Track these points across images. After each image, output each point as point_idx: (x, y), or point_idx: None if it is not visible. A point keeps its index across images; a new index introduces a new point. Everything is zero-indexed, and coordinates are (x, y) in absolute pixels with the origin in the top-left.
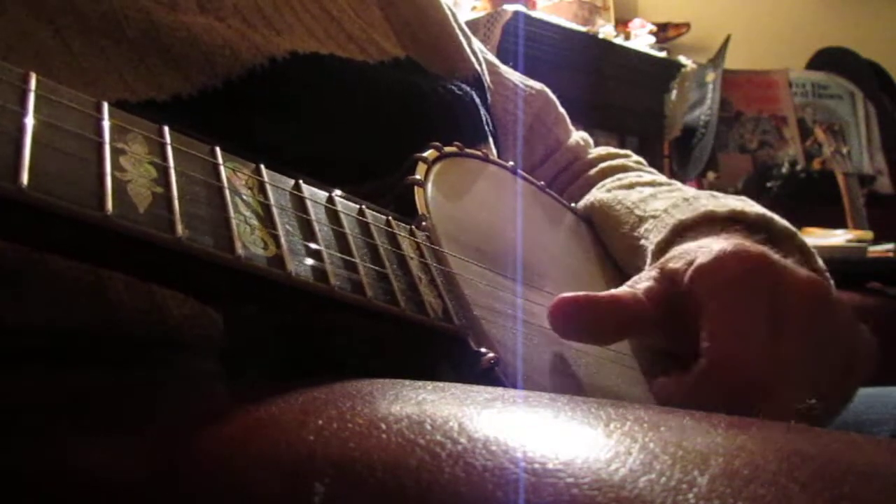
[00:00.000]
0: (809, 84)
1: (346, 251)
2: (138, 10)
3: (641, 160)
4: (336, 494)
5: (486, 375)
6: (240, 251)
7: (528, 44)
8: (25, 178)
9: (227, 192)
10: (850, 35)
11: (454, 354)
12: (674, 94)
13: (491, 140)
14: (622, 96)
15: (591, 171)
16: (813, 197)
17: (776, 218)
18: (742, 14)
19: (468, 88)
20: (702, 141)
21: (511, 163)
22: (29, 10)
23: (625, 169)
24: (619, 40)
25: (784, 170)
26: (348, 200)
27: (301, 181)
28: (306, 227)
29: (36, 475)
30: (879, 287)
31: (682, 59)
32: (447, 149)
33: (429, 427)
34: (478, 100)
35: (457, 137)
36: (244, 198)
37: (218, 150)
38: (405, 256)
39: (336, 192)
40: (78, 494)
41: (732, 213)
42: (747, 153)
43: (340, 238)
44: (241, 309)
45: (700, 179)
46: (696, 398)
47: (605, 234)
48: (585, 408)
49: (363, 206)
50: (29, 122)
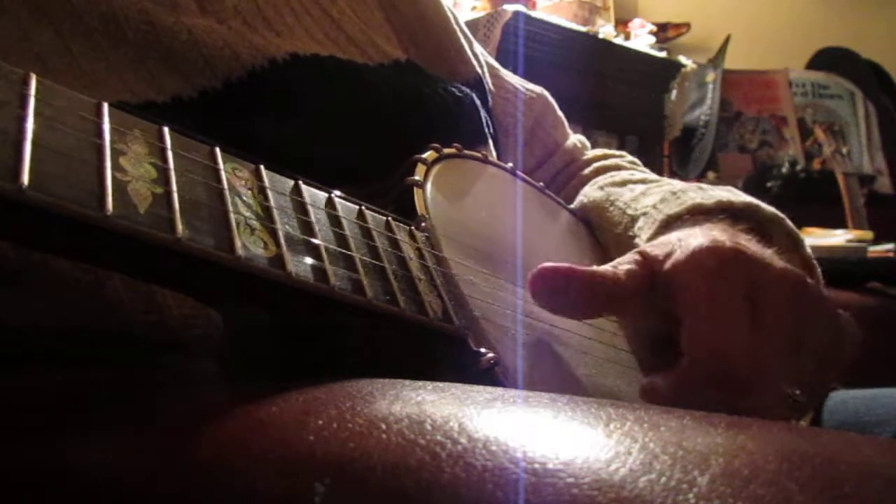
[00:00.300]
0: (809, 84)
1: (346, 251)
2: (138, 12)
3: (636, 160)
4: (336, 494)
5: (486, 375)
6: (240, 251)
7: (528, 44)
8: (26, 179)
9: (226, 193)
10: (850, 35)
11: (454, 355)
12: (674, 94)
13: (491, 142)
14: (622, 96)
15: (585, 170)
16: (813, 197)
17: (762, 205)
18: (742, 14)
19: (469, 90)
20: (702, 141)
21: (510, 164)
22: (29, 11)
23: (618, 168)
24: (619, 40)
25: (784, 170)
26: (348, 201)
27: (301, 182)
28: (306, 227)
29: (36, 475)
30: (879, 287)
31: (682, 59)
32: (446, 150)
33: (429, 427)
34: (478, 102)
35: (457, 139)
36: (244, 198)
37: (218, 150)
38: (405, 257)
39: (336, 193)
40: (78, 494)
41: (719, 203)
42: (747, 153)
43: (340, 239)
44: (242, 309)
45: (700, 179)
46: (682, 395)
47: (601, 235)
48: (585, 408)
49: (363, 207)
50: (29, 122)
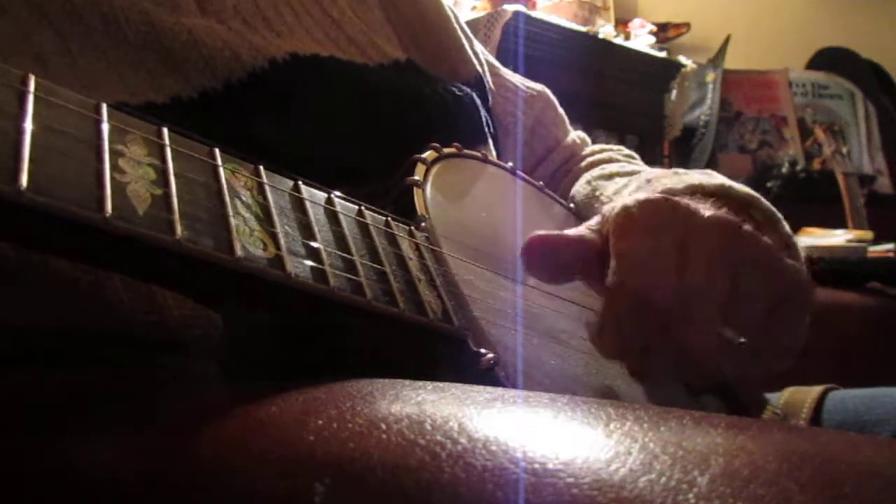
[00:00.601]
0: (809, 84)
1: (346, 252)
2: (138, 12)
3: (633, 154)
4: (336, 494)
5: (486, 376)
6: (239, 252)
7: (528, 44)
8: (24, 181)
9: (226, 194)
10: (850, 35)
11: (454, 355)
12: (674, 94)
13: (491, 141)
14: (622, 96)
15: (581, 164)
16: (813, 197)
17: (735, 185)
18: (742, 14)
19: (469, 90)
20: (702, 141)
21: (510, 163)
22: (29, 12)
23: (610, 161)
24: (619, 40)
25: (784, 170)
26: (347, 201)
27: (300, 182)
28: (305, 228)
29: (36, 475)
30: (879, 287)
31: (682, 59)
32: (446, 150)
33: (429, 427)
34: (478, 101)
35: (456, 139)
36: (243, 199)
37: (217, 151)
38: (404, 257)
39: (335, 193)
40: (78, 495)
41: (690, 187)
42: (747, 153)
43: (340, 239)
44: (241, 310)
45: None
46: (611, 330)
47: None
48: (585, 408)
49: (362, 207)
50: (28, 124)
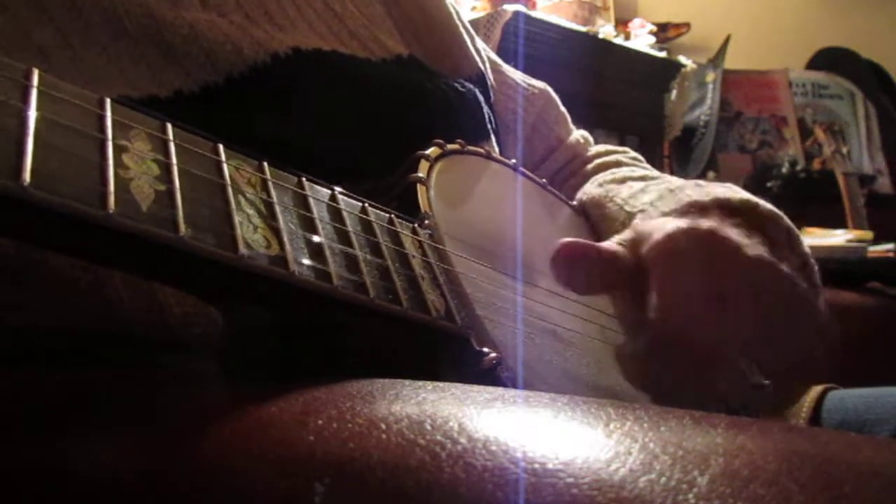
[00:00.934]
0: (809, 84)
1: (349, 249)
2: (139, 6)
3: (638, 156)
4: (336, 494)
5: (488, 375)
6: (242, 250)
7: (528, 44)
8: (28, 177)
9: (230, 190)
10: (850, 35)
11: (456, 354)
12: (674, 94)
13: (493, 138)
14: (622, 96)
15: (587, 166)
16: (813, 197)
17: (760, 202)
18: (742, 14)
19: (471, 86)
20: (702, 141)
21: (513, 160)
22: (30, 7)
23: (619, 164)
24: (619, 40)
25: (784, 170)
26: (351, 198)
27: (303, 179)
28: (309, 225)
29: (36, 475)
30: (879, 287)
31: (682, 59)
32: (449, 146)
33: (429, 427)
34: (481, 98)
35: (459, 135)
36: (247, 196)
37: (221, 147)
38: (408, 255)
39: (338, 189)
40: (78, 494)
41: (716, 200)
42: (747, 153)
43: (343, 236)
44: (243, 308)
45: (700, 179)
46: (647, 367)
47: (600, 231)
48: (585, 408)
49: (366, 204)
50: (31, 118)
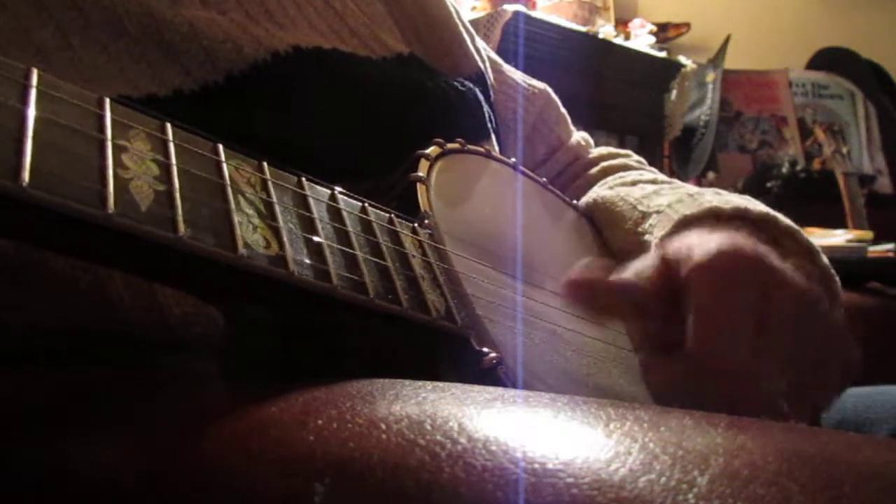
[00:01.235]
0: (809, 84)
1: (349, 249)
2: (139, 5)
3: (642, 160)
4: (336, 494)
5: (488, 375)
6: (242, 250)
7: (528, 44)
8: (27, 177)
9: (229, 190)
10: (850, 35)
11: (456, 354)
12: (674, 94)
13: (493, 137)
14: (622, 96)
15: (593, 169)
16: (813, 197)
17: (780, 217)
18: (742, 14)
19: (471, 85)
20: (702, 141)
21: (513, 159)
22: (30, 6)
23: (626, 168)
24: (619, 40)
25: (784, 170)
26: (350, 198)
27: (303, 178)
28: (308, 225)
29: (36, 475)
30: (879, 287)
31: (682, 59)
32: (449, 145)
33: (429, 427)
34: (481, 97)
35: (459, 134)
36: (247, 195)
37: (220, 147)
38: (407, 255)
39: (338, 189)
40: (78, 494)
41: (736, 210)
42: (747, 153)
43: (342, 236)
44: (243, 308)
45: (700, 179)
46: (682, 385)
47: (607, 231)
48: (585, 408)
49: (365, 204)
50: (30, 118)
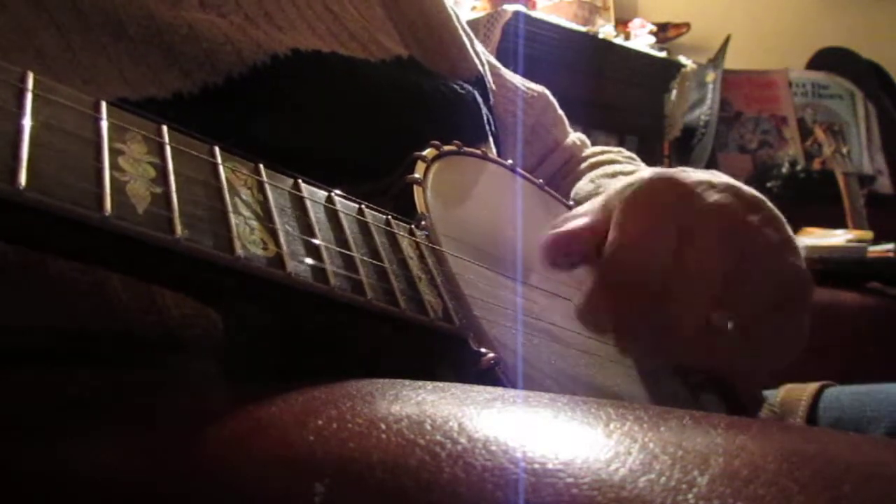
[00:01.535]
0: (809, 84)
1: (346, 251)
2: (139, 7)
3: (633, 156)
4: (336, 494)
5: (487, 375)
6: (239, 251)
7: (528, 44)
8: (23, 179)
9: (226, 192)
10: (850, 35)
11: (454, 355)
12: (674, 94)
13: (491, 140)
14: (622, 96)
15: (581, 165)
16: (813, 197)
17: (742, 186)
18: (742, 14)
19: (470, 88)
20: (702, 141)
21: (510, 161)
22: (29, 7)
23: (613, 163)
24: (619, 40)
25: (784, 170)
26: (347, 200)
27: (300, 181)
28: (306, 226)
29: (36, 475)
30: (879, 287)
31: (682, 59)
32: (446, 147)
33: (429, 427)
34: (480, 100)
35: (457, 137)
36: (243, 197)
37: (217, 149)
38: (405, 256)
39: (335, 191)
40: (78, 495)
41: (698, 182)
42: (747, 153)
43: (340, 238)
44: (241, 309)
45: None
46: (599, 300)
47: None
48: (585, 408)
49: (362, 206)
50: (27, 122)
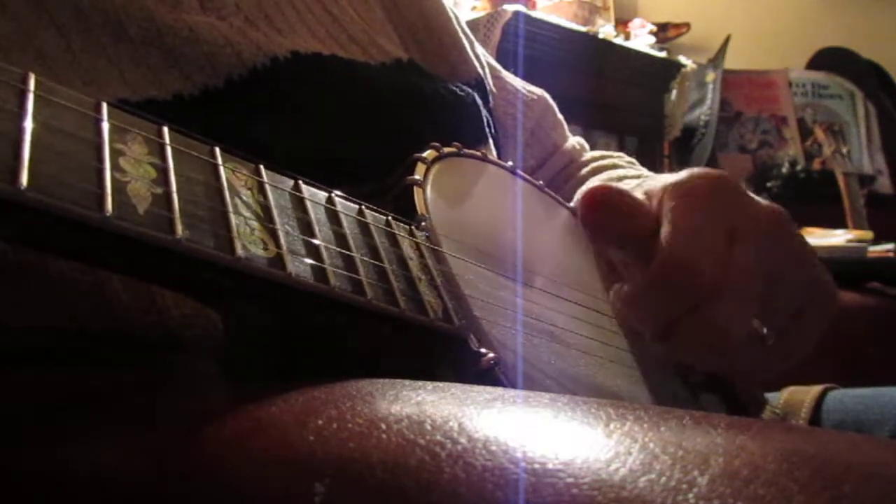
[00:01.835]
0: (809, 84)
1: (346, 251)
2: (140, 9)
3: (633, 161)
4: (336, 494)
5: (487, 376)
6: (240, 252)
7: (528, 44)
8: (24, 180)
9: (226, 193)
10: (850, 35)
11: (454, 355)
12: (674, 94)
13: (491, 142)
14: (622, 96)
15: (583, 170)
16: (813, 197)
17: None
18: (742, 14)
19: (470, 90)
20: (702, 141)
21: (510, 162)
22: (30, 8)
23: (615, 167)
24: (619, 40)
25: (784, 170)
26: (348, 201)
27: (300, 181)
28: (306, 227)
29: (36, 475)
30: (879, 287)
31: (682, 59)
32: (446, 149)
33: (429, 427)
34: (480, 102)
35: (457, 138)
36: (244, 198)
37: (217, 150)
38: (405, 257)
39: (335, 192)
40: (78, 495)
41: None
42: (747, 153)
43: (340, 238)
44: (241, 309)
45: None
46: (650, 297)
47: None
48: (585, 408)
49: (363, 207)
50: (28, 122)
